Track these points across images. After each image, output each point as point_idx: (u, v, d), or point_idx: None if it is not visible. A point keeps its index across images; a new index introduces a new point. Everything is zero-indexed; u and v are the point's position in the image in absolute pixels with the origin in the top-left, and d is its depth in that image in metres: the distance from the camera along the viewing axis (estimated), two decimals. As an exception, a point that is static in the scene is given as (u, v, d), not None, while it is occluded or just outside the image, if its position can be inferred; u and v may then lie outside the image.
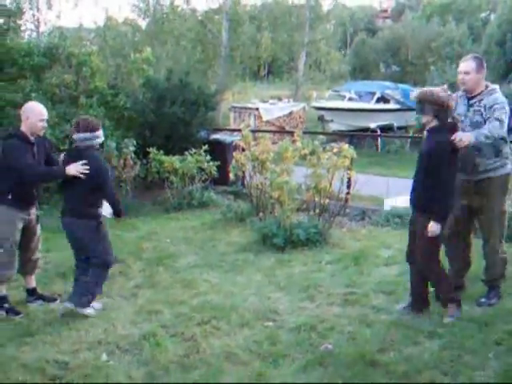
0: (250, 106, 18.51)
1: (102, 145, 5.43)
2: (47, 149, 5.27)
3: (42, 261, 6.66)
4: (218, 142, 10.99)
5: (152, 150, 9.52)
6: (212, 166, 9.74)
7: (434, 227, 4.57)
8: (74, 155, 5.04)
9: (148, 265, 6.60)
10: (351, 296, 5.49)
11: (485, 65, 5.04)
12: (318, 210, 7.68)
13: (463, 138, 4.58)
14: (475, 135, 4.71)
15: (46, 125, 5.17)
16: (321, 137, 7.72)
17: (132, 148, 9.14)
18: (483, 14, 39.75)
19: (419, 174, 4.73)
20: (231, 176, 8.79)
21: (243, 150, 11.12)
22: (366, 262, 6.56)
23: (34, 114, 5.03)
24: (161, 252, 7.11)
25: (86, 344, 4.41)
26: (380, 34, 44.28)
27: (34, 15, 19.69)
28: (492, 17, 38.22)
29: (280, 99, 20.54)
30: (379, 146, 15.95)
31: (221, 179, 10.29)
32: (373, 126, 16.82)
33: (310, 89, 24.89)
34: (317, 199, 7.65)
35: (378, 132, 16.97)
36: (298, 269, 6.38)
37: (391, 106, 19.00)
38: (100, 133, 5.05)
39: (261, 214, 8.41)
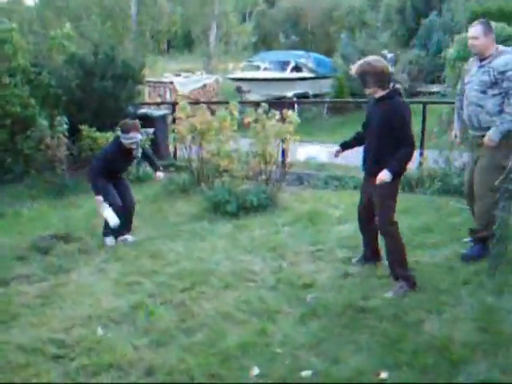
0: (164, 80, 18.24)
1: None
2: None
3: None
4: (146, 117, 10.83)
5: (84, 127, 9.26)
6: (146, 141, 9.61)
7: (386, 175, 4.50)
8: None
9: (106, 240, 6.50)
10: (318, 253, 5.72)
11: (493, 28, 5.10)
12: (264, 177, 7.81)
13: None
14: (500, 130, 4.95)
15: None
16: (263, 104, 7.81)
17: (66, 126, 8.84)
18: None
19: (378, 139, 4.66)
20: (170, 148, 8.74)
21: (174, 121, 11.10)
22: (321, 221, 6.81)
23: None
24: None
25: (76, 320, 4.33)
26: (279, 4, 44.49)
27: None
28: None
29: (193, 72, 20.41)
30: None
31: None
32: (289, 94, 17.10)
33: (221, 62, 24.89)
34: (263, 166, 7.78)
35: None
36: (257, 232, 6.51)
37: (306, 74, 19.38)
38: (130, 135, 6.23)
39: (203, 185, 8.48)
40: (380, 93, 4.68)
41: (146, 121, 10.47)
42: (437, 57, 23.71)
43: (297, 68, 19.52)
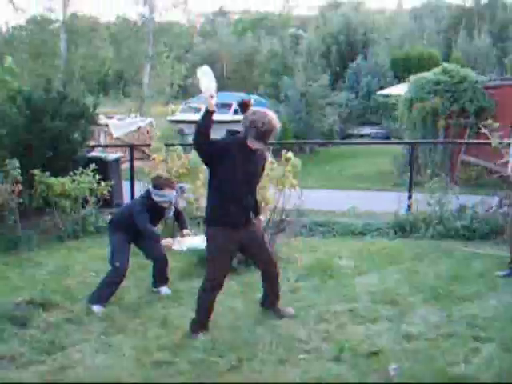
0: (99, 122, 17.07)
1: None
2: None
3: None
4: (98, 160, 9.76)
5: (36, 172, 8.11)
6: (106, 187, 8.61)
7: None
8: None
9: (93, 306, 5.41)
10: (358, 311, 4.98)
11: None
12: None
13: None
14: None
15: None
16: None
17: (18, 170, 7.66)
18: (292, 30, 41.83)
19: (253, 187, 4.67)
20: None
21: (132, 166, 10.15)
22: (337, 274, 6.11)
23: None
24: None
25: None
26: (195, 49, 44.66)
27: None
28: (301, 32, 40.34)
29: (126, 115, 19.35)
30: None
31: (104, 200, 9.11)
32: (232, 136, 16.42)
33: (152, 104, 23.94)
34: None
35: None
36: (271, 290, 5.67)
37: (248, 116, 18.85)
38: (164, 192, 5.40)
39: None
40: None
41: (99, 165, 9.43)
42: (365, 99, 24.14)
43: (235, 110, 19.00)
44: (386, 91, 21.50)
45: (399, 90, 17.78)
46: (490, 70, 26.05)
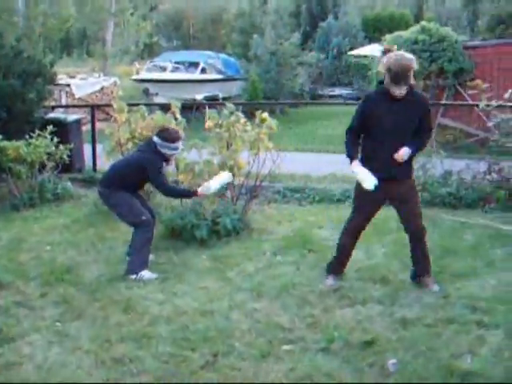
0: (60, 82, 16.10)
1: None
2: None
3: None
4: (57, 122, 9.03)
5: (-12, 136, 7.38)
6: (64, 151, 7.94)
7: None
8: None
9: (47, 285, 4.81)
10: (346, 292, 4.48)
11: None
12: (230, 193, 6.46)
13: None
14: None
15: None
16: (230, 105, 6.43)
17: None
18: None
19: (407, 136, 4.31)
20: (108, 160, 7.05)
21: (93, 127, 9.55)
22: (318, 247, 5.61)
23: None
24: (50, 265, 5.29)
25: None
26: (161, 7, 43.09)
27: None
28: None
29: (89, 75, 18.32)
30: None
31: (64, 165, 8.44)
32: (199, 97, 15.72)
33: (116, 63, 22.87)
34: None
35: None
36: (247, 266, 5.15)
37: (215, 76, 18.08)
38: (176, 145, 5.13)
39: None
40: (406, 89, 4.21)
41: (58, 127, 8.70)
42: (336, 60, 23.49)
43: (202, 69, 18.17)
44: (357, 51, 20.86)
45: (372, 50, 17.18)
46: (461, 33, 25.61)
